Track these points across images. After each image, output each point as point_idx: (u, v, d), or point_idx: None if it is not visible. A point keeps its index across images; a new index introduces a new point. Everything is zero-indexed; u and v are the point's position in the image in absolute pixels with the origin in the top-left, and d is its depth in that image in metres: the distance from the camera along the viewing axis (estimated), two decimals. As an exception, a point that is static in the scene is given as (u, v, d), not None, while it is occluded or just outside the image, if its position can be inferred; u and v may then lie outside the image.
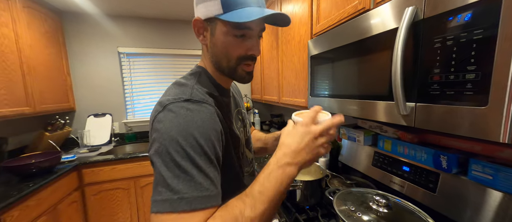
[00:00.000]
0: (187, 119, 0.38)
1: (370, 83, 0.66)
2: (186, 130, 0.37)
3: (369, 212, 0.54)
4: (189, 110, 0.39)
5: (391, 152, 0.85)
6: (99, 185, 1.59)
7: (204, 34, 0.47)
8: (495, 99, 0.36)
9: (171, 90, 0.44)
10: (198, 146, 0.37)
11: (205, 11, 0.43)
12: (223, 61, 0.47)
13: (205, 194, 0.35)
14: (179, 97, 0.41)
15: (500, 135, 0.36)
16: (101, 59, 2.03)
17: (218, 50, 0.46)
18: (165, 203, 0.33)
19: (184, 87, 0.44)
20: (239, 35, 0.44)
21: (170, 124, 0.37)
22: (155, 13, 2.00)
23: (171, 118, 0.38)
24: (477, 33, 0.38)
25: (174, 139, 0.36)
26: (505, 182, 0.52)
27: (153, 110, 0.42)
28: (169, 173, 0.34)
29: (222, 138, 0.44)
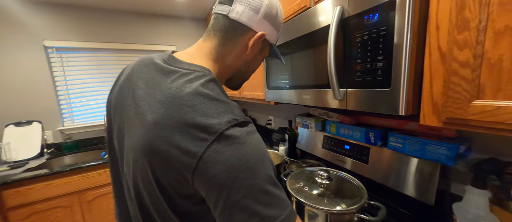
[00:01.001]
0: (255, 143, 0.35)
1: (317, 74, 0.74)
2: (260, 154, 0.34)
3: (315, 186, 0.62)
4: (250, 133, 0.35)
5: (336, 134, 0.98)
6: (29, 207, 1.32)
7: (253, 47, 0.45)
8: (395, 82, 0.46)
9: (203, 106, 0.35)
10: (271, 166, 0.35)
11: (269, 34, 0.46)
12: (248, 74, 0.52)
13: (291, 208, 0.35)
14: (234, 120, 0.35)
15: (399, 109, 0.46)
16: (18, 56, 1.65)
17: (255, 65, 0.51)
18: None
19: (222, 104, 0.36)
20: (261, 60, 0.52)
21: (241, 151, 0.33)
22: (93, 1, 1.73)
23: (238, 144, 0.33)
24: (382, 29, 0.48)
25: (253, 167, 0.32)
26: (410, 148, 0.67)
27: (191, 136, 0.33)
28: (258, 205, 0.32)
29: None
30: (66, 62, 1.82)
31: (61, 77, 1.81)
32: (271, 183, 0.33)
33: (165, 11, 2.05)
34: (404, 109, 0.46)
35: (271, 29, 0.45)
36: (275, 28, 0.46)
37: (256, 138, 0.36)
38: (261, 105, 2.03)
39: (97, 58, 1.93)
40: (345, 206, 0.54)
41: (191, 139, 0.33)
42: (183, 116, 0.34)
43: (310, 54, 0.75)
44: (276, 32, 0.47)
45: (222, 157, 0.32)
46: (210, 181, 0.32)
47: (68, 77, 1.84)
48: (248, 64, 0.49)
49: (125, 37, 2.01)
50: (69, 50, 1.82)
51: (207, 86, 0.38)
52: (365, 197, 0.55)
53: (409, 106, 0.46)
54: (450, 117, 0.41)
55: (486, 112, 0.36)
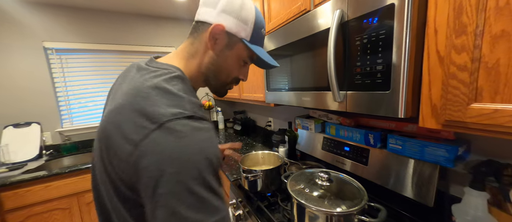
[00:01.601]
0: (197, 140, 0.33)
1: (317, 76, 0.74)
2: (200, 153, 0.33)
3: (316, 188, 0.62)
4: (197, 129, 0.34)
5: (336, 136, 0.98)
6: (27, 209, 1.31)
7: (216, 41, 0.45)
8: (394, 84, 0.47)
9: (158, 98, 0.35)
10: (211, 167, 0.34)
11: (232, 27, 0.44)
12: (222, 75, 0.49)
13: (221, 216, 0.33)
14: (181, 113, 0.34)
15: (398, 112, 0.47)
16: (18, 57, 1.65)
17: (226, 64, 0.47)
18: None
19: (177, 98, 0.37)
20: (245, 62, 0.50)
21: (179, 146, 0.32)
22: (90, 2, 1.73)
23: (178, 140, 0.32)
24: (381, 33, 0.48)
25: (185, 164, 0.31)
26: (409, 149, 0.68)
27: (130, 123, 0.34)
28: (182, 204, 0.30)
29: None
30: (66, 63, 1.82)
31: (61, 78, 1.81)
32: (202, 185, 0.32)
33: (165, 13, 2.06)
34: (403, 111, 0.46)
35: (234, 22, 0.44)
36: (241, 21, 0.44)
37: (202, 135, 0.34)
38: (261, 107, 2.03)
39: (97, 59, 1.93)
40: (345, 207, 0.54)
41: (134, 126, 0.33)
42: (135, 105, 0.35)
43: (310, 56, 0.75)
44: (243, 25, 0.44)
45: (158, 148, 0.31)
46: (141, 172, 0.32)
47: (67, 78, 1.84)
48: (217, 62, 0.46)
49: (125, 39, 2.01)
50: (69, 51, 1.82)
51: (169, 81, 0.39)
52: (365, 198, 0.55)
53: (408, 108, 0.47)
54: (449, 120, 0.41)
55: (484, 114, 0.36)
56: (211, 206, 0.32)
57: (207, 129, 0.36)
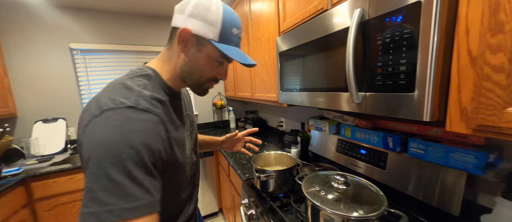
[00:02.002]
0: (127, 128, 0.36)
1: (332, 77, 0.73)
2: (125, 140, 0.35)
3: (331, 190, 0.61)
4: (131, 119, 0.38)
5: (351, 138, 0.96)
6: (54, 199, 1.41)
7: (186, 44, 0.48)
8: (419, 86, 0.45)
9: (113, 91, 0.41)
10: (135, 155, 0.36)
11: (199, 29, 0.46)
12: (196, 75, 0.51)
13: (136, 205, 0.34)
14: (122, 103, 0.38)
15: (424, 114, 0.45)
16: (48, 57, 1.78)
17: (197, 65, 0.49)
18: (92, 216, 0.32)
19: (129, 91, 0.41)
20: (220, 62, 0.51)
21: (106, 132, 0.35)
22: (113, 6, 1.82)
23: (109, 126, 0.36)
24: (406, 32, 0.46)
25: (109, 149, 0.34)
26: (433, 154, 0.64)
27: (88, 111, 0.39)
28: (98, 185, 0.33)
29: (168, 144, 0.45)
30: (89, 63, 1.93)
31: (84, 77, 1.92)
32: (121, 172, 0.34)
33: (181, 14, 2.12)
34: (429, 115, 0.44)
35: (201, 24, 0.46)
36: (207, 23, 0.46)
37: (136, 126, 0.37)
38: (273, 107, 2.02)
39: (116, 59, 2.03)
40: (363, 212, 0.52)
41: (88, 113, 0.38)
42: (97, 97, 0.41)
43: (326, 57, 0.74)
44: (211, 27, 0.46)
45: (93, 132, 0.36)
46: (81, 152, 0.37)
47: (90, 77, 1.95)
48: (188, 63, 0.49)
49: (142, 40, 2.09)
50: (92, 52, 1.93)
51: (133, 79, 0.45)
52: (385, 204, 0.53)
53: (434, 111, 0.44)
54: (481, 124, 0.39)
55: (523, 119, 0.34)
56: (127, 193, 0.34)
57: (144, 121, 0.39)
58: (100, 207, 0.32)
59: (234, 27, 0.49)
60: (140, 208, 0.35)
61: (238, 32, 0.50)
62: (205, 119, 2.49)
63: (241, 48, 0.58)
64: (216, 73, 0.52)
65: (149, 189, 0.37)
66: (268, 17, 1.22)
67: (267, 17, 1.24)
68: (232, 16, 0.49)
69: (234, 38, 0.49)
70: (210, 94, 2.47)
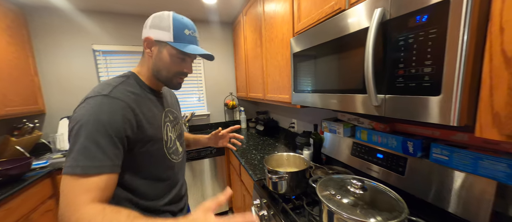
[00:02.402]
0: (99, 109, 0.50)
1: (347, 78, 0.71)
2: (95, 117, 0.49)
3: (347, 195, 0.59)
4: (103, 103, 0.51)
5: (367, 141, 0.92)
6: (76, 191, 1.50)
7: (151, 49, 0.62)
8: (446, 89, 0.42)
9: (96, 87, 0.56)
10: (102, 129, 0.49)
11: (158, 35, 0.60)
12: (163, 72, 0.63)
13: (97, 164, 0.47)
14: (99, 93, 0.53)
15: (450, 119, 0.42)
16: (73, 58, 1.90)
17: (162, 64, 0.62)
18: (68, 168, 0.46)
19: (107, 85, 0.56)
20: (181, 58, 0.63)
21: (85, 112, 0.50)
22: (132, 9, 1.91)
23: (87, 108, 0.50)
24: (432, 32, 0.44)
25: (84, 123, 0.48)
26: (458, 161, 0.60)
27: (82, 99, 0.55)
28: (75, 148, 0.47)
29: (134, 124, 0.56)
30: (109, 63, 2.04)
31: (105, 77, 2.03)
32: (89, 139, 0.47)
33: (195, 16, 2.17)
34: (456, 119, 0.42)
35: (158, 31, 0.60)
36: (162, 30, 0.59)
37: (106, 107, 0.51)
38: (285, 108, 2.01)
39: (134, 59, 2.12)
40: (381, 219, 0.50)
41: (79, 103, 0.53)
42: None
43: (342, 58, 0.72)
44: (166, 32, 0.59)
45: (77, 113, 0.50)
46: (69, 123, 0.51)
47: (110, 76, 2.04)
48: (155, 64, 0.63)
49: (159, 41, 2.17)
50: (112, 53, 2.03)
51: (115, 78, 0.61)
52: (405, 211, 0.51)
53: (462, 116, 0.42)
54: (517, 130, 0.36)
55: None
56: (92, 155, 0.47)
57: (113, 105, 0.52)
58: (73, 162, 0.46)
59: (185, 29, 0.61)
60: (101, 168, 0.48)
61: (190, 32, 0.62)
62: (217, 119, 2.53)
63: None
64: (181, 68, 0.64)
65: (110, 155, 0.49)
66: (282, 18, 1.22)
67: (281, 18, 1.24)
68: (181, 20, 0.61)
69: (187, 37, 0.61)
70: (222, 94, 2.51)
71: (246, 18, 1.89)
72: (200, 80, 2.42)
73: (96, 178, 0.47)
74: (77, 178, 0.45)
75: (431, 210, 0.68)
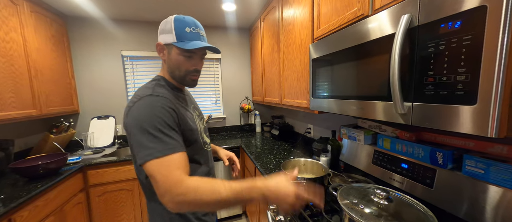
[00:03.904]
0: (152, 106, 0.58)
1: (369, 85, 0.70)
2: (151, 111, 0.57)
3: (370, 205, 0.58)
4: (152, 100, 0.59)
5: (390, 150, 0.89)
6: (103, 186, 1.61)
7: (163, 53, 0.69)
8: (483, 98, 0.40)
9: (138, 92, 0.64)
10: (161, 119, 0.57)
11: (165, 39, 0.66)
12: (176, 72, 0.69)
13: (169, 147, 0.55)
14: (144, 94, 0.61)
15: (488, 130, 0.40)
16: (104, 63, 2.07)
17: (173, 64, 0.68)
18: (148, 156, 0.53)
19: (147, 89, 0.64)
20: (188, 55, 0.67)
21: (141, 111, 0.57)
22: (157, 17, 2.05)
23: (142, 106, 0.58)
24: (466, 39, 0.42)
25: (145, 119, 0.56)
26: (496, 176, 0.56)
27: (128, 104, 0.62)
28: (144, 139, 0.54)
29: (178, 115, 0.63)
30: (136, 68, 2.19)
31: (131, 81, 2.18)
32: (155, 129, 0.55)
33: (215, 22, 2.26)
34: (495, 130, 0.39)
35: (165, 35, 0.66)
36: (167, 33, 0.65)
37: (155, 102, 0.59)
38: (300, 113, 1.99)
39: (158, 65, 2.25)
40: (407, 232, 0.48)
41: (127, 107, 0.60)
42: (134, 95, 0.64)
43: (365, 64, 0.71)
44: (169, 34, 0.65)
45: (133, 113, 0.57)
46: (125, 127, 0.59)
47: (136, 81, 2.20)
48: (168, 65, 0.69)
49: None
50: (138, 58, 2.18)
51: (150, 82, 0.69)
52: (435, 226, 0.48)
53: (502, 127, 0.39)
54: None
55: None
56: (162, 141, 0.55)
57: (160, 100, 0.60)
58: (150, 150, 0.54)
59: (186, 27, 0.65)
60: (173, 148, 0.56)
61: (191, 29, 0.66)
62: (232, 122, 2.58)
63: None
64: (190, 66, 0.69)
65: (174, 138, 0.58)
66: (301, 23, 1.23)
67: (299, 24, 1.25)
68: (182, 19, 0.65)
69: (189, 35, 0.65)
70: (237, 98, 2.56)
71: (264, 24, 1.93)
72: (218, 84, 2.49)
73: (175, 156, 0.55)
74: (161, 160, 0.53)
75: (463, 227, 0.63)
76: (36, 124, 1.78)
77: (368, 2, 0.74)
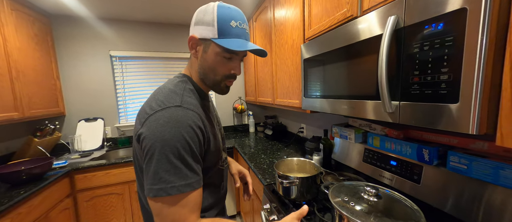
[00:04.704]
0: (179, 122, 0.46)
1: (359, 84, 0.71)
2: (178, 133, 0.45)
3: (361, 202, 0.59)
4: (179, 116, 0.47)
5: (380, 148, 0.91)
6: (92, 191, 1.56)
7: (196, 49, 0.55)
8: (464, 97, 0.42)
9: (162, 95, 0.51)
10: (187, 146, 0.46)
11: (202, 32, 0.52)
12: (210, 75, 0.56)
13: (189, 182, 0.46)
14: (171, 103, 0.49)
15: (469, 127, 0.42)
16: (92, 63, 2.00)
17: (208, 65, 0.55)
18: (160, 191, 0.44)
19: (174, 94, 0.51)
20: (227, 57, 0.54)
21: (165, 125, 0.45)
22: (148, 16, 2.00)
23: (166, 120, 0.46)
24: (448, 40, 0.44)
25: (167, 141, 0.44)
26: (478, 170, 0.59)
27: (143, 111, 0.50)
28: (162, 168, 0.44)
29: (205, 136, 0.52)
30: (125, 68, 2.13)
31: (120, 81, 2.12)
32: (177, 158, 0.45)
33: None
34: (475, 127, 0.41)
35: (202, 28, 0.52)
36: (206, 25, 0.51)
37: (183, 121, 0.46)
38: (294, 113, 2.01)
39: (148, 65, 2.20)
40: (396, 227, 0.50)
41: (144, 113, 0.49)
42: (148, 100, 0.52)
43: (354, 64, 0.73)
44: (209, 27, 0.51)
45: (151, 128, 0.45)
46: (142, 144, 0.47)
47: (125, 82, 2.14)
48: (201, 66, 0.56)
49: (173, 47, 2.25)
50: (128, 58, 2.13)
51: (174, 83, 0.55)
52: (422, 221, 0.50)
53: (482, 124, 0.41)
54: (541, 140, 0.35)
55: None
56: (183, 174, 0.45)
57: (188, 116, 0.48)
58: (165, 184, 0.44)
59: (232, 20, 0.51)
60: (192, 184, 0.46)
61: (238, 23, 0.52)
62: (226, 123, 2.56)
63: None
64: (228, 70, 0.55)
65: (196, 171, 0.48)
66: (293, 24, 1.24)
67: (291, 24, 1.26)
68: (227, 10, 0.51)
69: (234, 31, 0.51)
70: (230, 98, 2.55)
71: (256, 24, 1.93)
72: (210, 85, 2.47)
73: (193, 195, 0.46)
74: (174, 199, 0.44)
75: (448, 221, 0.66)
76: (18, 127, 1.70)
77: (356, 3, 0.75)
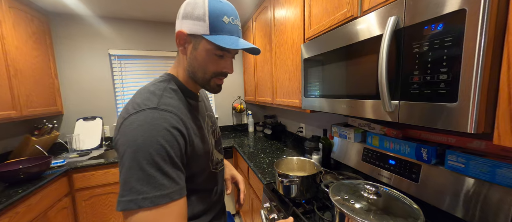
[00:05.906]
0: (153, 125, 0.42)
1: (359, 84, 0.72)
2: (152, 137, 0.41)
3: (361, 200, 0.59)
4: (154, 119, 0.43)
5: (379, 147, 0.92)
6: (90, 190, 1.55)
7: (185, 46, 0.51)
8: (463, 97, 0.43)
9: (139, 96, 0.47)
10: (163, 151, 0.41)
11: (191, 28, 0.48)
12: (199, 73, 0.52)
13: (166, 192, 0.40)
14: (146, 105, 0.44)
15: (467, 126, 0.43)
16: (90, 62, 1.99)
17: (197, 63, 0.51)
18: (130, 203, 0.38)
19: (152, 95, 0.47)
20: (219, 55, 0.51)
21: (138, 129, 0.41)
22: (147, 15, 1.99)
23: (139, 123, 0.42)
24: (447, 40, 0.45)
25: (140, 146, 0.40)
26: (475, 169, 0.60)
27: (122, 113, 0.46)
28: (133, 177, 0.39)
29: (187, 141, 0.48)
30: (124, 67, 2.12)
31: (119, 80, 2.11)
32: (151, 165, 0.39)
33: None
34: (473, 126, 0.42)
35: (192, 23, 0.47)
36: (196, 19, 0.47)
37: (160, 124, 0.42)
38: (293, 112, 2.02)
39: (147, 64, 2.20)
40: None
41: (120, 116, 0.45)
42: (128, 102, 0.48)
43: (354, 64, 0.73)
44: (200, 22, 0.47)
45: (126, 132, 0.42)
46: (116, 148, 0.43)
47: (124, 80, 2.13)
48: (190, 64, 0.52)
49: (172, 46, 2.24)
50: (127, 57, 2.12)
51: (154, 84, 0.52)
52: (421, 219, 0.51)
53: (480, 123, 0.42)
54: (538, 139, 0.36)
55: None
56: (157, 183, 0.40)
57: (164, 118, 0.44)
58: (136, 195, 0.38)
59: (224, 16, 0.47)
60: (170, 195, 0.41)
61: (230, 19, 0.48)
62: (225, 122, 2.56)
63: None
64: (220, 68, 0.52)
65: (175, 179, 0.42)
66: (293, 24, 1.24)
67: (291, 24, 1.26)
68: (220, 4, 0.48)
69: (226, 27, 0.48)
70: (230, 97, 2.55)
71: (256, 23, 1.93)
72: (209, 84, 2.47)
73: (171, 208, 0.40)
74: (148, 214, 0.38)
75: (446, 219, 0.67)
76: (16, 126, 1.68)
77: (357, 3, 0.76)
